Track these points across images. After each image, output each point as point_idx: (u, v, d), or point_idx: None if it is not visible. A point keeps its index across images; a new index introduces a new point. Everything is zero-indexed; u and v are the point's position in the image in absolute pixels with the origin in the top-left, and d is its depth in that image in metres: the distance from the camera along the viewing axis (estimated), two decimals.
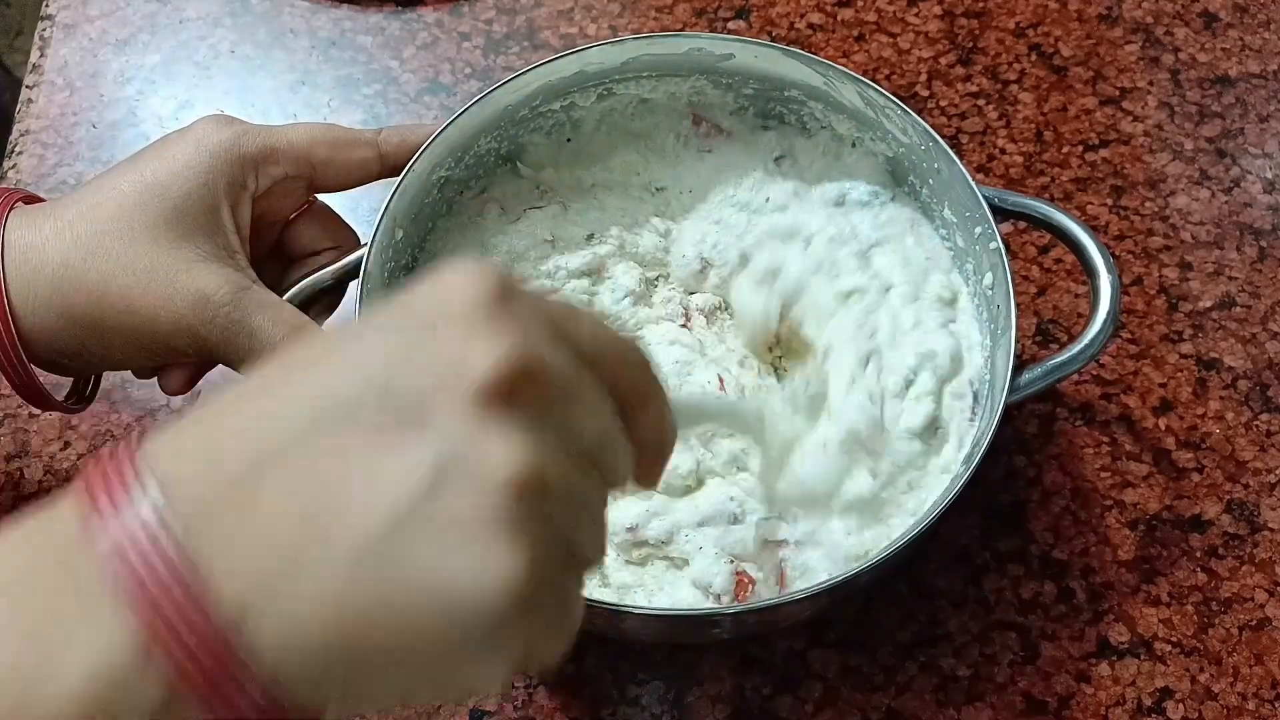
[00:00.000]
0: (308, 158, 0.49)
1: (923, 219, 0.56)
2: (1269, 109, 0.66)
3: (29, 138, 0.66)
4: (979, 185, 0.50)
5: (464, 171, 0.56)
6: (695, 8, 0.70)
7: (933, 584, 0.54)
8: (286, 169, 0.49)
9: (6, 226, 0.45)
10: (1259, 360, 0.59)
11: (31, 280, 0.45)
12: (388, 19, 0.70)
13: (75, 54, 0.69)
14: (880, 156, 0.56)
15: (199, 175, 0.46)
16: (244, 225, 0.48)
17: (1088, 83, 0.67)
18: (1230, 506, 0.55)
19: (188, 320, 0.45)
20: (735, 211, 0.57)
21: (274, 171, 0.49)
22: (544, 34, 0.69)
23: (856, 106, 0.54)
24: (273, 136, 0.49)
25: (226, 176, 0.47)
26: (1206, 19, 0.70)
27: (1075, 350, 0.48)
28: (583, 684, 0.52)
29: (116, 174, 0.47)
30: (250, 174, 0.48)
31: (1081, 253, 0.50)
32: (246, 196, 0.48)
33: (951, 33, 0.69)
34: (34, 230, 0.45)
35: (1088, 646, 0.52)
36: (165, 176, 0.46)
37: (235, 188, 0.47)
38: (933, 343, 0.52)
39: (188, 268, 0.46)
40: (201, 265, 0.46)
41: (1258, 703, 0.51)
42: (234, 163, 0.47)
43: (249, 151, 0.48)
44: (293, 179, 0.49)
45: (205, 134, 0.48)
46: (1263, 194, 0.64)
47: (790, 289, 0.54)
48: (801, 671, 0.52)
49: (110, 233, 0.45)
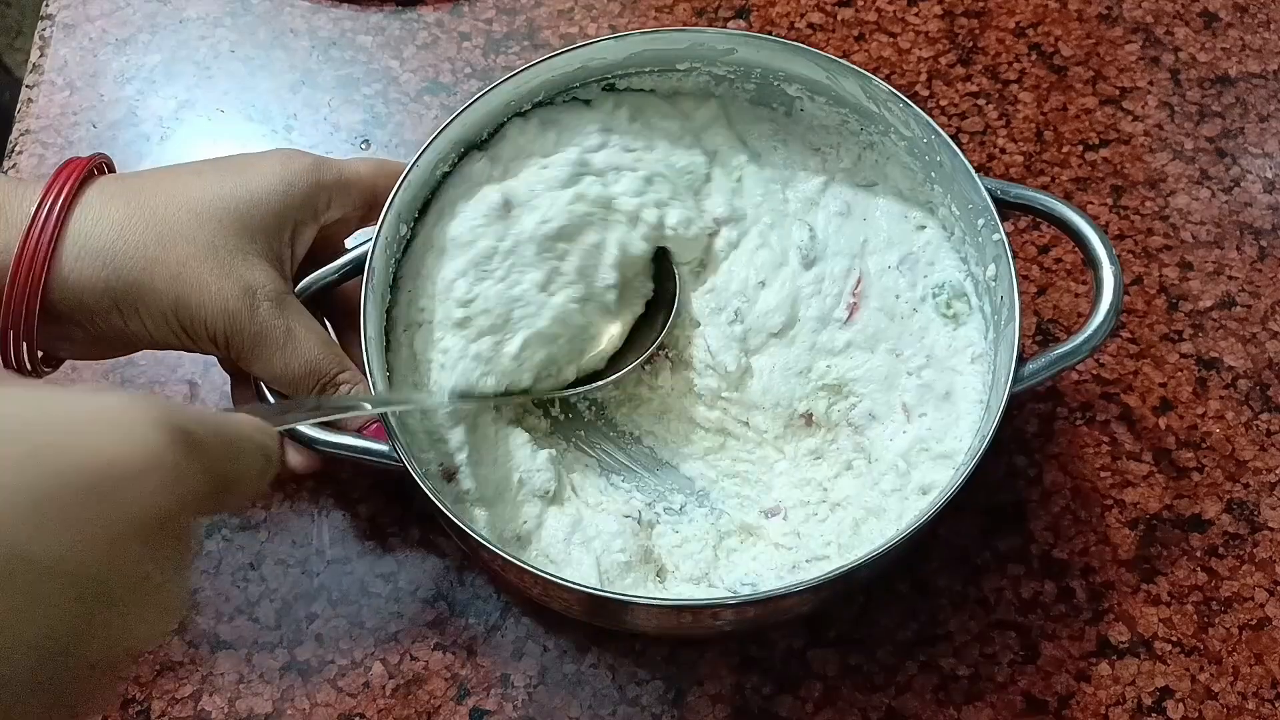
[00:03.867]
0: (373, 190, 0.52)
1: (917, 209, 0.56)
2: (1269, 109, 0.66)
3: (29, 137, 0.66)
4: (981, 177, 0.50)
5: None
6: (695, 7, 0.70)
7: (933, 583, 0.54)
8: (355, 199, 0.51)
9: (88, 191, 0.47)
10: (1259, 360, 0.59)
11: (86, 233, 0.46)
12: (388, 19, 0.70)
13: (75, 54, 0.69)
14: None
15: (279, 185, 0.49)
16: (302, 244, 0.51)
17: (1088, 82, 0.67)
18: (1230, 506, 0.55)
19: (233, 305, 0.47)
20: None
21: (345, 201, 0.51)
22: (544, 33, 0.69)
23: (859, 100, 0.55)
24: (346, 168, 0.51)
25: (304, 195, 0.49)
26: (1206, 19, 0.70)
27: (1079, 340, 0.48)
28: (583, 684, 0.52)
29: (197, 166, 0.50)
30: (325, 200, 0.50)
31: (1084, 244, 0.50)
32: (316, 221, 0.51)
33: (951, 32, 0.69)
34: (102, 193, 0.47)
35: (1088, 646, 0.52)
36: (246, 178, 0.49)
37: (309, 209, 0.50)
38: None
39: (244, 257, 0.48)
40: (256, 260, 0.48)
41: (1258, 702, 0.51)
42: (312, 186, 0.50)
43: (327, 180, 0.50)
44: (358, 209, 0.52)
45: (290, 155, 0.50)
46: (1263, 194, 0.64)
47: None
48: (801, 671, 0.52)
49: (179, 208, 0.47)
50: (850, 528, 0.51)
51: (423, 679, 0.52)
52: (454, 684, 0.52)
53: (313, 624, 0.53)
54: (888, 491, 0.51)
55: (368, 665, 0.52)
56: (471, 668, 0.52)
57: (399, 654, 0.52)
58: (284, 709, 0.51)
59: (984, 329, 0.53)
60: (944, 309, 0.54)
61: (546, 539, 0.50)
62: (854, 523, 0.51)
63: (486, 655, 0.52)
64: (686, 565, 0.52)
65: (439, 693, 0.52)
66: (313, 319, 0.50)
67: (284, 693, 0.52)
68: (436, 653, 0.52)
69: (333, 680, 0.52)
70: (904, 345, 0.54)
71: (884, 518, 0.50)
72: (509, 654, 0.52)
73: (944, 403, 0.52)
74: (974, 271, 0.53)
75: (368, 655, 0.52)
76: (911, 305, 0.55)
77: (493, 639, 0.53)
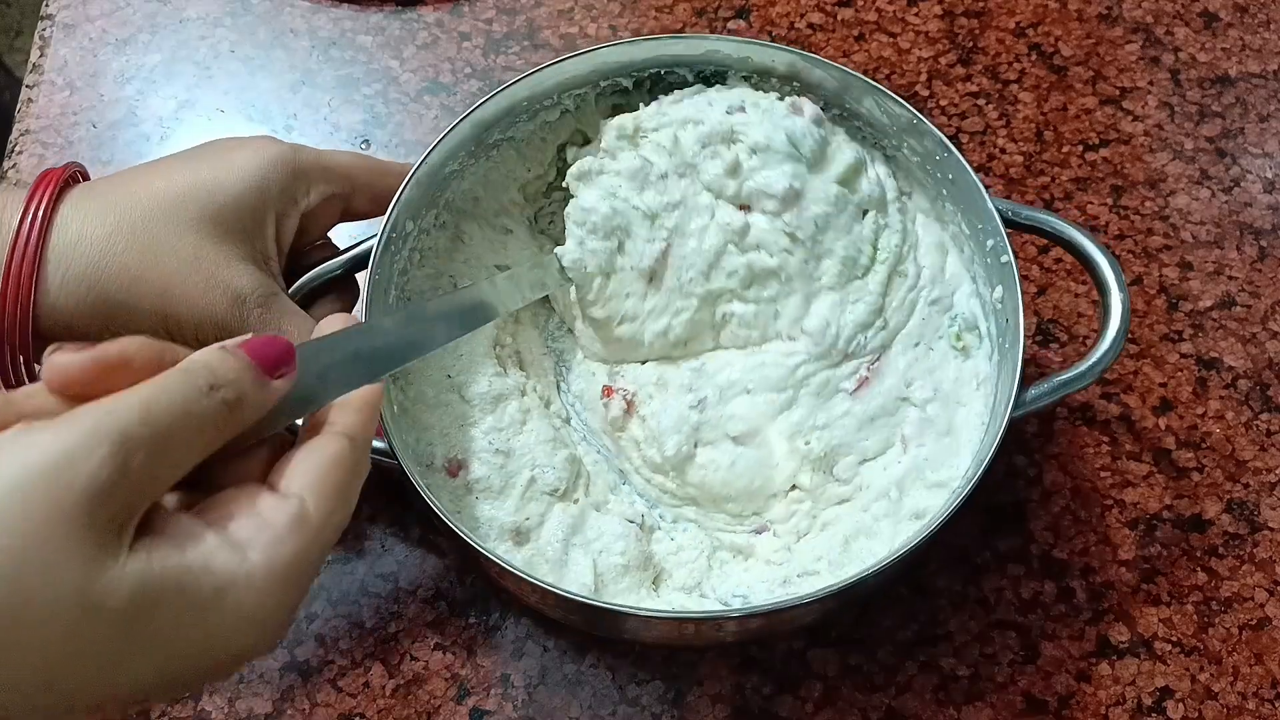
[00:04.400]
0: (350, 178, 0.51)
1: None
2: (1269, 109, 0.66)
3: (29, 137, 0.66)
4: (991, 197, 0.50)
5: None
6: (695, 7, 0.70)
7: (933, 584, 0.54)
8: (334, 186, 0.51)
9: (62, 206, 0.45)
10: (1259, 360, 0.59)
11: (67, 255, 0.45)
12: (388, 19, 0.70)
13: (75, 54, 0.69)
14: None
15: (254, 179, 0.48)
16: (286, 236, 0.50)
17: (1088, 82, 0.67)
18: (1230, 506, 0.55)
19: (221, 314, 0.46)
20: None
21: (324, 188, 0.50)
22: (544, 33, 0.69)
23: (872, 114, 0.54)
24: (323, 155, 0.51)
25: (280, 185, 0.48)
26: (1206, 19, 0.70)
27: (1083, 368, 0.48)
28: (583, 684, 0.52)
29: (169, 164, 0.48)
30: (303, 188, 0.50)
31: (1093, 269, 0.49)
32: (297, 210, 0.50)
33: (951, 32, 0.69)
34: (77, 209, 0.46)
35: (1088, 646, 0.52)
36: (220, 174, 0.47)
37: (287, 198, 0.49)
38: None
39: (228, 264, 0.47)
40: (240, 264, 0.47)
41: (1258, 702, 0.51)
42: (289, 174, 0.49)
43: (304, 165, 0.49)
44: (338, 196, 0.51)
45: (262, 144, 0.49)
46: (1263, 194, 0.64)
47: None
48: (801, 671, 0.52)
49: (157, 219, 0.46)
50: (840, 545, 0.50)
51: (423, 679, 0.52)
52: (454, 684, 0.52)
53: (313, 624, 0.53)
54: (879, 516, 0.51)
55: (368, 665, 0.52)
56: (471, 668, 0.52)
57: (399, 654, 0.52)
58: (284, 709, 0.51)
59: (990, 356, 0.52)
60: (954, 341, 0.53)
61: (545, 537, 0.50)
62: (844, 540, 0.50)
63: (486, 655, 0.52)
64: (680, 573, 0.51)
65: (439, 693, 0.52)
66: (304, 315, 0.49)
67: (284, 693, 0.52)
68: (436, 653, 0.52)
69: (333, 680, 0.52)
70: (913, 376, 0.53)
71: (876, 538, 0.50)
72: (509, 654, 0.52)
73: (945, 435, 0.51)
74: (981, 292, 0.53)
75: (368, 655, 0.52)
76: (928, 344, 0.54)
77: (493, 639, 0.53)
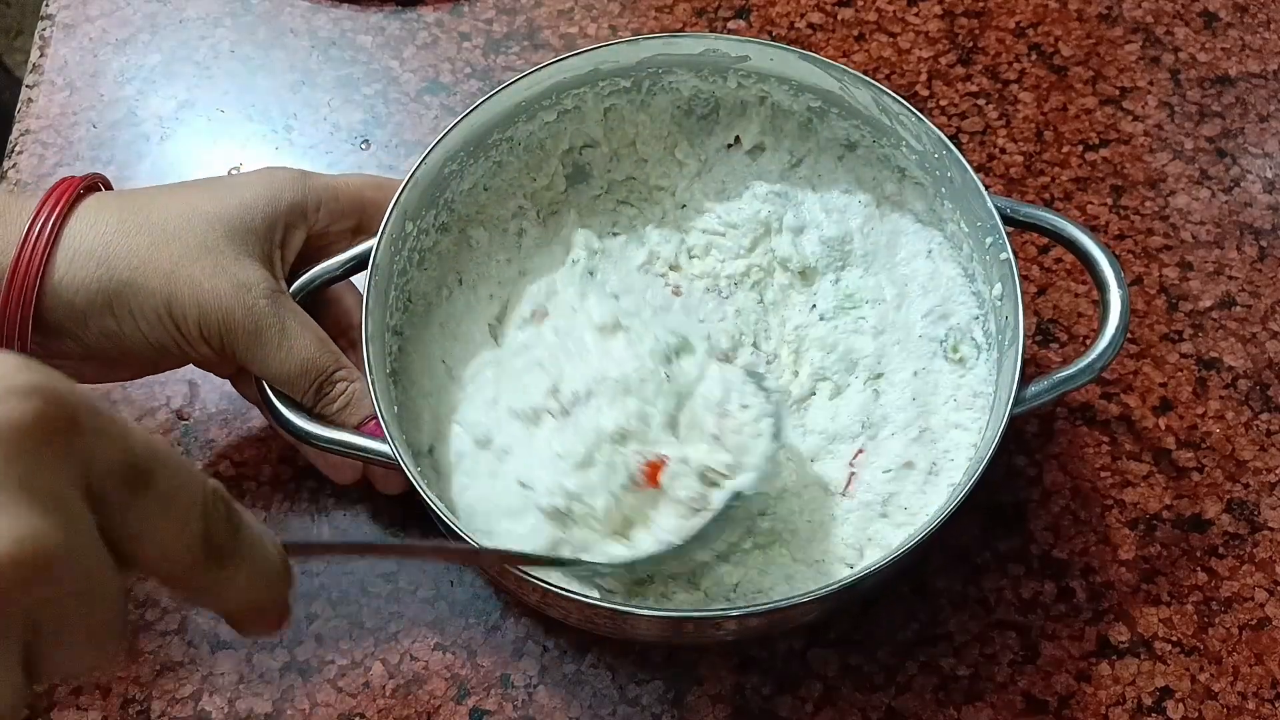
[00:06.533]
0: (360, 199, 0.53)
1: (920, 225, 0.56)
2: (1269, 109, 0.66)
3: (29, 137, 0.66)
4: (991, 195, 0.50)
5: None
6: (695, 7, 0.70)
7: (933, 584, 0.54)
8: (344, 206, 0.53)
9: (80, 206, 0.48)
10: (1259, 360, 0.59)
11: (82, 233, 0.47)
12: (388, 19, 0.70)
13: (75, 54, 0.69)
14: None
15: (266, 191, 0.50)
16: (291, 250, 0.52)
17: (1088, 82, 0.67)
18: (1230, 506, 0.55)
19: (226, 301, 0.48)
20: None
21: (334, 207, 0.52)
22: (544, 34, 0.69)
23: (871, 112, 0.54)
24: (334, 179, 0.53)
25: (290, 200, 0.51)
26: (1206, 19, 0.70)
27: (1084, 364, 0.48)
28: (583, 684, 0.52)
29: (187, 183, 0.52)
30: (313, 205, 0.52)
31: (1092, 266, 0.49)
32: (305, 224, 0.52)
33: (951, 32, 0.69)
34: (92, 207, 0.48)
35: (1088, 646, 0.52)
36: (235, 187, 0.51)
37: (296, 212, 0.51)
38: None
39: (236, 257, 0.49)
40: (248, 260, 0.49)
41: (1258, 702, 0.51)
42: (299, 191, 0.51)
43: (314, 185, 0.52)
44: (347, 217, 0.53)
45: (274, 170, 0.52)
46: (1263, 194, 0.64)
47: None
48: (801, 671, 0.52)
49: (172, 215, 0.48)
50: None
51: (423, 679, 0.52)
52: (454, 684, 0.52)
53: (313, 624, 0.53)
54: (863, 525, 0.51)
55: (368, 665, 0.52)
56: (471, 668, 0.52)
57: (399, 654, 0.52)
58: (284, 709, 0.51)
59: (989, 366, 0.52)
60: (950, 353, 0.53)
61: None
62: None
63: (486, 655, 0.52)
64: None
65: (439, 693, 0.52)
66: (308, 317, 0.50)
67: (284, 693, 0.52)
68: (436, 653, 0.52)
69: (333, 680, 0.52)
70: (912, 397, 0.53)
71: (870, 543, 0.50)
72: (509, 654, 0.52)
73: (936, 448, 0.51)
74: (979, 289, 0.53)
75: (368, 655, 0.52)
76: (923, 362, 0.53)
77: (493, 639, 0.53)
